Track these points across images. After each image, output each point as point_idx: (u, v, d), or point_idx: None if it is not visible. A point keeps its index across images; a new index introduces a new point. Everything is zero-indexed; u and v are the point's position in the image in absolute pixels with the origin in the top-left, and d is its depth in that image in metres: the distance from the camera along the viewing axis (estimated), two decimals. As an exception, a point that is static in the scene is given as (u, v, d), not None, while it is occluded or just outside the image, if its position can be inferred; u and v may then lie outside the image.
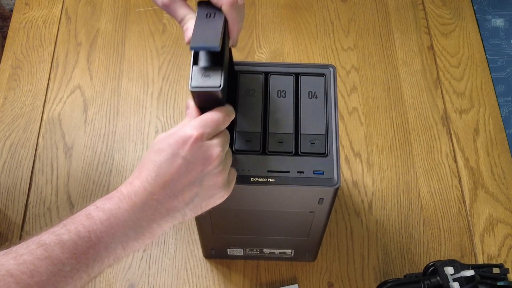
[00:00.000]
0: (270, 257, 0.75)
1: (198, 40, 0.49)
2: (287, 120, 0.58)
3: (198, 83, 0.50)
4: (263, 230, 0.68)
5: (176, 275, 0.76)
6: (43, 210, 0.81)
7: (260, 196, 0.58)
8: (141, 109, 0.90)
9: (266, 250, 0.73)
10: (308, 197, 0.58)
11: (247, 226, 0.67)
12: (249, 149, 0.56)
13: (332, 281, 0.76)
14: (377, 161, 0.86)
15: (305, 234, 0.68)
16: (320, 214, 0.62)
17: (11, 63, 0.94)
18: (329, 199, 0.58)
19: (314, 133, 0.57)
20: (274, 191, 0.56)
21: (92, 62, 0.95)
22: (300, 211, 0.61)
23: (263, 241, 0.71)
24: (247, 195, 0.58)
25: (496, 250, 0.79)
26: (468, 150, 0.87)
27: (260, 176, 0.55)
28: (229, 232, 0.69)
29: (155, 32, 0.98)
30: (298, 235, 0.69)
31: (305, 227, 0.65)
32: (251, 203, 0.60)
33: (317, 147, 0.57)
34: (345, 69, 0.94)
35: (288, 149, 0.56)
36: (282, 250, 0.73)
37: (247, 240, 0.71)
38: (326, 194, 0.57)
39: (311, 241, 0.70)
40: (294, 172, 0.55)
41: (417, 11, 1.02)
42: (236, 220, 0.65)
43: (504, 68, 1.71)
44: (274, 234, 0.69)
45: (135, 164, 0.85)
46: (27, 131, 0.88)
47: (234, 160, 0.55)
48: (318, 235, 0.68)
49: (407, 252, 0.79)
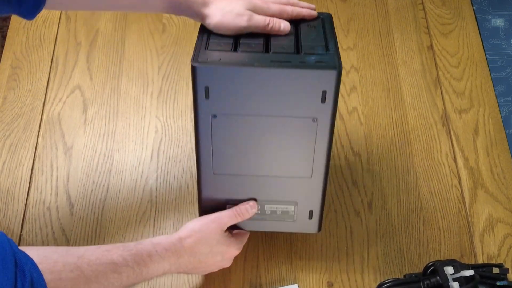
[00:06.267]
0: (271, 219, 0.72)
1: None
2: (288, 40, 0.65)
3: None
4: (265, 162, 0.67)
5: (176, 275, 0.76)
6: (43, 210, 0.81)
7: (262, 90, 0.60)
8: (141, 109, 0.90)
9: (267, 206, 0.71)
10: (310, 89, 0.60)
11: (249, 156, 0.66)
12: (253, 50, 0.62)
13: (332, 281, 0.76)
14: (377, 161, 0.86)
15: (308, 170, 0.66)
16: (323, 126, 0.62)
17: (11, 63, 0.94)
18: (332, 92, 0.59)
19: (315, 44, 0.63)
20: (275, 80, 0.59)
21: (92, 62, 0.95)
22: (302, 118, 0.62)
23: (265, 184, 0.69)
24: (250, 87, 0.60)
25: (495, 250, 0.79)
26: (467, 150, 0.87)
27: (263, 65, 0.59)
28: (230, 169, 0.67)
29: (155, 32, 0.98)
30: (300, 172, 0.67)
31: (307, 153, 0.65)
32: (253, 100, 0.61)
33: (317, 49, 0.62)
34: (344, 69, 0.94)
35: (290, 50, 0.62)
36: (284, 206, 0.71)
37: (248, 183, 0.69)
38: (328, 82, 0.59)
39: (315, 187, 0.68)
40: (296, 62, 0.60)
41: (416, 11, 1.02)
42: (238, 147, 0.65)
43: (504, 68, 1.71)
44: (277, 169, 0.67)
45: (135, 164, 0.85)
46: (27, 131, 0.88)
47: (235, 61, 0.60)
48: (322, 175, 0.67)
49: (406, 252, 0.79)
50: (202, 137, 0.64)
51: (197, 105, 0.61)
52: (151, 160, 0.85)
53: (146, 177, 0.84)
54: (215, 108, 0.62)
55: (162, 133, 0.88)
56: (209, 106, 0.61)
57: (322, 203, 0.70)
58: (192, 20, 0.69)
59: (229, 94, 0.61)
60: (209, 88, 0.60)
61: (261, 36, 0.65)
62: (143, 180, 0.84)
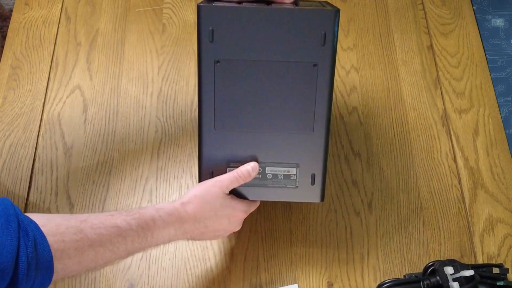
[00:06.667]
0: (273, 185, 0.71)
1: None
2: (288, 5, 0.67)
3: None
4: (266, 116, 0.67)
5: (176, 275, 0.76)
6: (43, 210, 0.81)
7: (264, 32, 0.63)
8: (141, 109, 0.90)
9: (268, 169, 0.70)
10: (310, 31, 0.63)
11: (251, 109, 0.67)
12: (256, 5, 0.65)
13: (332, 281, 0.76)
14: (377, 161, 0.86)
15: (309, 124, 0.67)
16: (324, 72, 0.65)
17: (11, 63, 0.94)
18: (331, 34, 0.63)
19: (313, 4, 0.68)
20: (277, 21, 0.63)
21: (92, 62, 0.95)
22: (303, 63, 0.64)
23: (266, 142, 0.69)
24: (253, 28, 0.63)
25: (495, 250, 0.79)
26: (467, 150, 0.87)
27: (266, 6, 0.64)
28: (232, 124, 0.68)
29: (155, 32, 0.98)
30: (302, 127, 0.67)
31: (309, 103, 0.66)
32: (256, 44, 0.64)
33: (315, 4, 0.67)
34: (344, 69, 0.94)
35: (289, 6, 0.65)
36: (286, 169, 0.70)
37: (250, 141, 0.69)
38: (328, 23, 0.63)
39: (317, 144, 0.68)
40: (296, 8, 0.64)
41: (416, 11, 1.02)
42: (240, 97, 0.66)
43: (504, 68, 1.71)
44: (278, 123, 0.67)
45: (135, 164, 0.85)
46: (27, 131, 0.88)
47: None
48: (323, 130, 0.67)
49: (406, 252, 0.79)
50: (204, 85, 0.66)
51: (201, 49, 0.65)
52: (151, 160, 0.85)
53: (146, 177, 0.84)
54: (219, 53, 0.64)
55: (162, 133, 0.88)
56: (213, 50, 0.64)
57: (324, 166, 0.70)
58: (192, 20, 0.69)
59: (232, 37, 0.64)
60: (213, 30, 0.63)
61: (264, 2, 0.68)
62: (143, 180, 0.84)
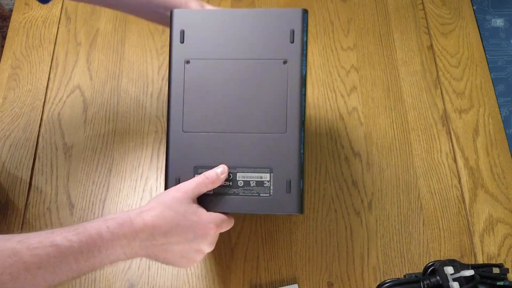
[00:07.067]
0: (245, 194, 0.65)
1: None
2: None
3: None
4: (237, 116, 0.65)
5: (176, 275, 0.76)
6: (43, 210, 0.81)
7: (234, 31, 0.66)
8: (141, 109, 0.90)
9: (240, 175, 0.65)
10: (279, 28, 0.65)
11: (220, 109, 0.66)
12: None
13: (332, 281, 0.76)
14: (377, 161, 0.86)
15: (282, 124, 0.65)
16: (294, 69, 0.65)
17: (11, 63, 0.94)
18: (299, 32, 0.65)
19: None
20: (246, 20, 0.66)
21: (92, 62, 0.95)
22: (273, 60, 0.65)
23: (236, 144, 0.65)
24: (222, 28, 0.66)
25: (495, 250, 0.79)
26: (467, 150, 0.87)
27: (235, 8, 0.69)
28: (201, 125, 0.66)
29: (155, 32, 0.98)
30: (274, 127, 0.65)
31: (280, 102, 0.65)
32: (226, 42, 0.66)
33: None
34: (344, 69, 0.94)
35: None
36: (258, 175, 0.65)
37: (219, 143, 0.65)
38: (295, 21, 0.65)
39: (291, 146, 0.64)
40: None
41: (416, 11, 1.02)
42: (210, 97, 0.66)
43: (504, 68, 1.71)
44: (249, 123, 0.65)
45: (134, 165, 0.85)
46: (27, 131, 0.88)
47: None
48: (297, 129, 0.64)
49: (406, 252, 0.79)
50: (173, 86, 0.67)
51: (172, 50, 0.66)
52: (151, 160, 0.85)
53: (146, 177, 0.84)
54: (189, 53, 0.66)
55: (162, 133, 0.88)
56: (183, 50, 0.66)
57: (300, 171, 0.65)
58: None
59: (202, 37, 0.66)
60: (184, 32, 0.66)
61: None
62: (143, 180, 0.84)
